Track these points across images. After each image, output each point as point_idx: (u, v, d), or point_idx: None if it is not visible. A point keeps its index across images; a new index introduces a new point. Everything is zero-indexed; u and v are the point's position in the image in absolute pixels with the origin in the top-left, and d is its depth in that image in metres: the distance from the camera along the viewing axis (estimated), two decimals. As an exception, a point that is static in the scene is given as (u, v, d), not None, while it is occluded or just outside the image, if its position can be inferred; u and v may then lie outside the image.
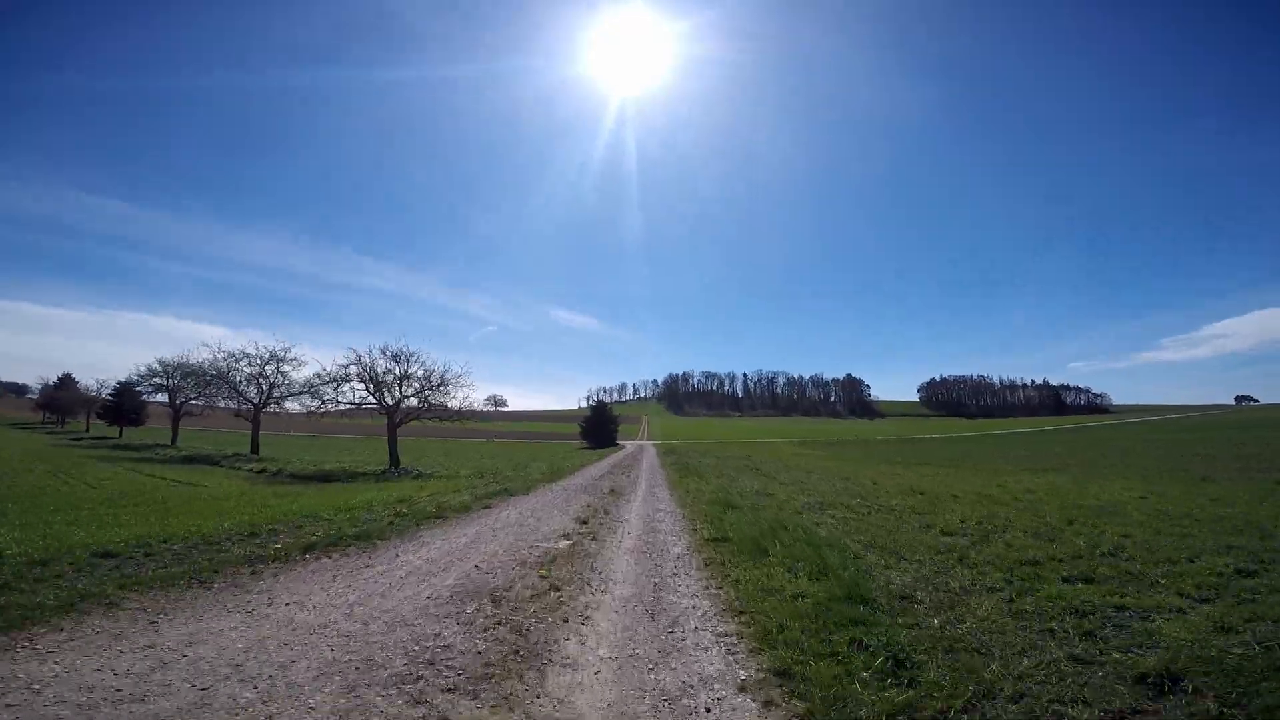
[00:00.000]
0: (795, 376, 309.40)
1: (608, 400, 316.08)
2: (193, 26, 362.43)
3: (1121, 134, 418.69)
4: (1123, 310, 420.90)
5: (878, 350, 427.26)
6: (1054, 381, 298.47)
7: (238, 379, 28.77)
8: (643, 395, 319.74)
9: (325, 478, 23.14)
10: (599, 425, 68.20)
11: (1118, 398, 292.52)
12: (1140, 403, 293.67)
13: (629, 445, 69.69)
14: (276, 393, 29.01)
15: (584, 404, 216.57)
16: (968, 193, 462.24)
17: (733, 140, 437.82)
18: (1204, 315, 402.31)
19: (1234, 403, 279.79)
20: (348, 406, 28.81)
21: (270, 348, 25.85)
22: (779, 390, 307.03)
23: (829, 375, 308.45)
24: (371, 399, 26.33)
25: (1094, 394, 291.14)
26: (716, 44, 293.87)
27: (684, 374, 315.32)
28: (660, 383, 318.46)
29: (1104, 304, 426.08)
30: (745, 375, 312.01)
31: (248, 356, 27.08)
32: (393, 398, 26.32)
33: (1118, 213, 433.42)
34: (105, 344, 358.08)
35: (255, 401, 31.04)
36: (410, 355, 26.57)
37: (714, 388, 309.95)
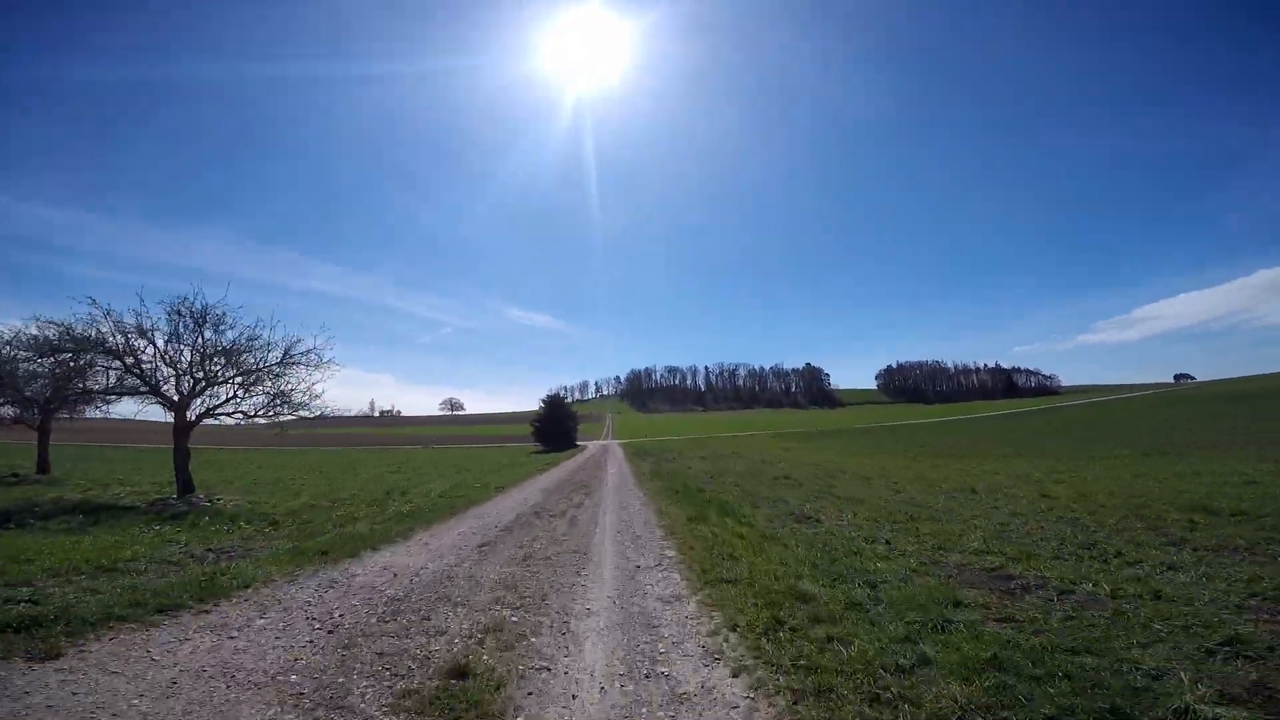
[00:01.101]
0: (756, 368, 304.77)
1: (569, 399, 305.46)
2: (109, 19, 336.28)
3: (1062, 124, 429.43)
4: (1061, 295, 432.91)
5: (835, 338, 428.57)
6: (1005, 365, 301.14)
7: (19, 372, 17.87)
8: (605, 393, 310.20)
9: (79, 508, 12.93)
10: (554, 424, 58.78)
11: (1063, 379, 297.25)
12: (1086, 383, 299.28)
13: (591, 446, 60.62)
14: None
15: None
16: (917, 183, 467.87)
17: (690, 136, 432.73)
18: (1135, 299, 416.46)
19: (1172, 380, 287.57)
20: (105, 397, 18.39)
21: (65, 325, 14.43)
22: (741, 383, 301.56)
23: (789, 365, 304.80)
24: (144, 387, 15.95)
25: (1044, 376, 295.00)
26: (673, 42, 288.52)
27: (646, 370, 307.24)
28: (623, 379, 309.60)
29: (1044, 290, 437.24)
30: (707, 369, 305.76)
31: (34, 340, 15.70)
32: (180, 384, 16.26)
33: (1058, 201, 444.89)
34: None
35: (40, 402, 20.31)
36: (220, 317, 16.42)
37: (677, 382, 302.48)
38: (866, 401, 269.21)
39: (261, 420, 17.52)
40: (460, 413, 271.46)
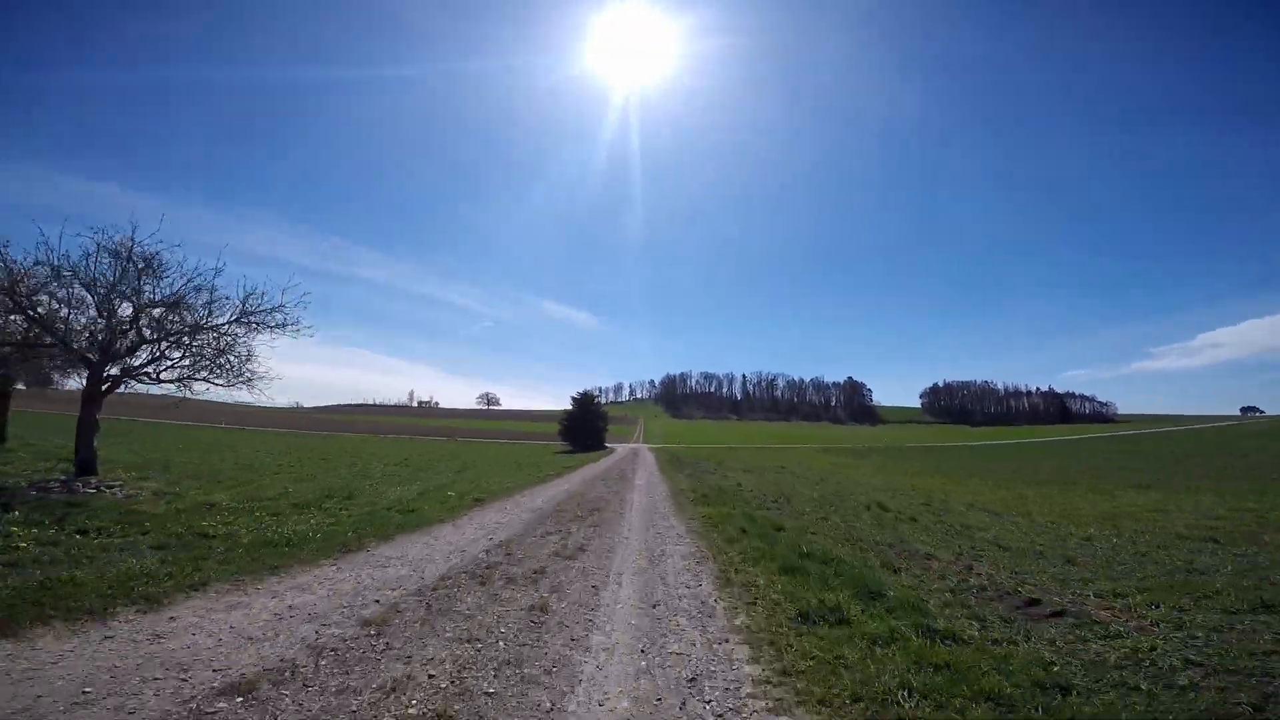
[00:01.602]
0: (796, 379, 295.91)
1: (602, 400, 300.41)
2: (196, 21, 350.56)
3: (1119, 140, 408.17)
4: (1118, 318, 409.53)
5: (879, 354, 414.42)
6: (1057, 389, 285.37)
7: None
8: (639, 396, 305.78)
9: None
10: (583, 424, 54.39)
11: (1119, 406, 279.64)
12: (1141, 412, 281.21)
13: (620, 449, 56.08)
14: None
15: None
16: (968, 195, 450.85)
17: (734, 137, 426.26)
18: (1198, 324, 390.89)
19: (1239, 413, 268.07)
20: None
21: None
22: (779, 393, 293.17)
23: (830, 379, 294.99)
24: (51, 341, 11.64)
25: (1099, 402, 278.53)
26: (718, 40, 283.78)
27: (682, 375, 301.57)
28: (657, 383, 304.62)
29: (1099, 311, 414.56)
30: (745, 377, 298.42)
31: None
32: (102, 340, 11.98)
33: (1114, 219, 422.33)
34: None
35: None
36: (152, 258, 12.11)
37: (712, 389, 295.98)
38: (909, 420, 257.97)
39: (178, 388, 13.21)
40: (495, 407, 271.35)
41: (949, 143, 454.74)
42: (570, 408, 56.04)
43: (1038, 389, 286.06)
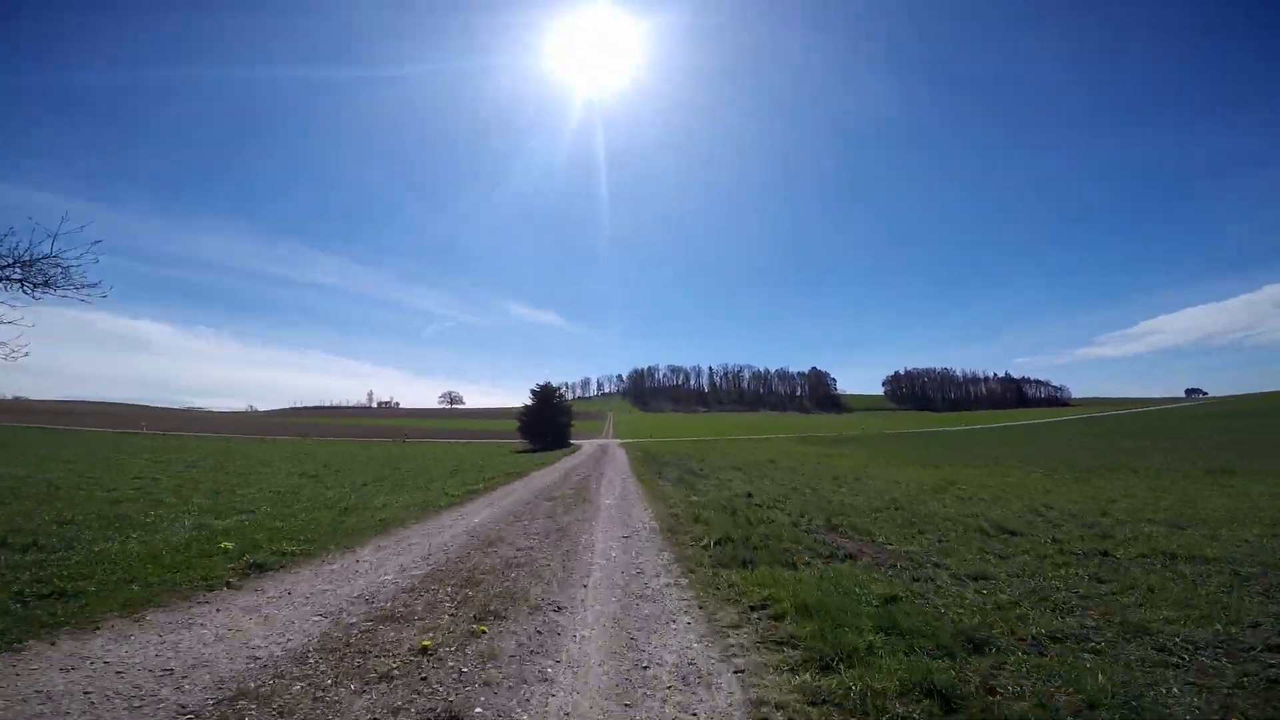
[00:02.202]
0: (761, 370, 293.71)
1: (569, 395, 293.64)
2: (137, 23, 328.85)
3: (1065, 135, 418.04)
4: (1063, 307, 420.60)
5: (840, 343, 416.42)
6: (1014, 375, 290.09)
7: None
8: (607, 390, 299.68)
9: None
10: (544, 419, 48.25)
11: (1070, 390, 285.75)
12: (1094, 395, 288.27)
13: (587, 446, 50.18)
14: None
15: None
16: (923, 189, 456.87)
17: (698, 138, 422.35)
18: (1140, 312, 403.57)
19: (1184, 395, 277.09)
20: None
21: None
22: (745, 385, 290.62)
23: (794, 369, 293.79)
24: None
25: (1054, 387, 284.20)
26: (682, 44, 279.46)
27: (650, 368, 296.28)
28: (625, 377, 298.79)
29: (1046, 301, 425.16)
30: (711, 369, 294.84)
31: None
32: None
33: (1061, 212, 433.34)
34: (28, 341, 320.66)
35: None
36: None
37: (680, 382, 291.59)
38: (873, 408, 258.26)
39: None
40: (459, 406, 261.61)
41: (907, 141, 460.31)
42: (530, 402, 49.80)
43: (995, 375, 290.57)
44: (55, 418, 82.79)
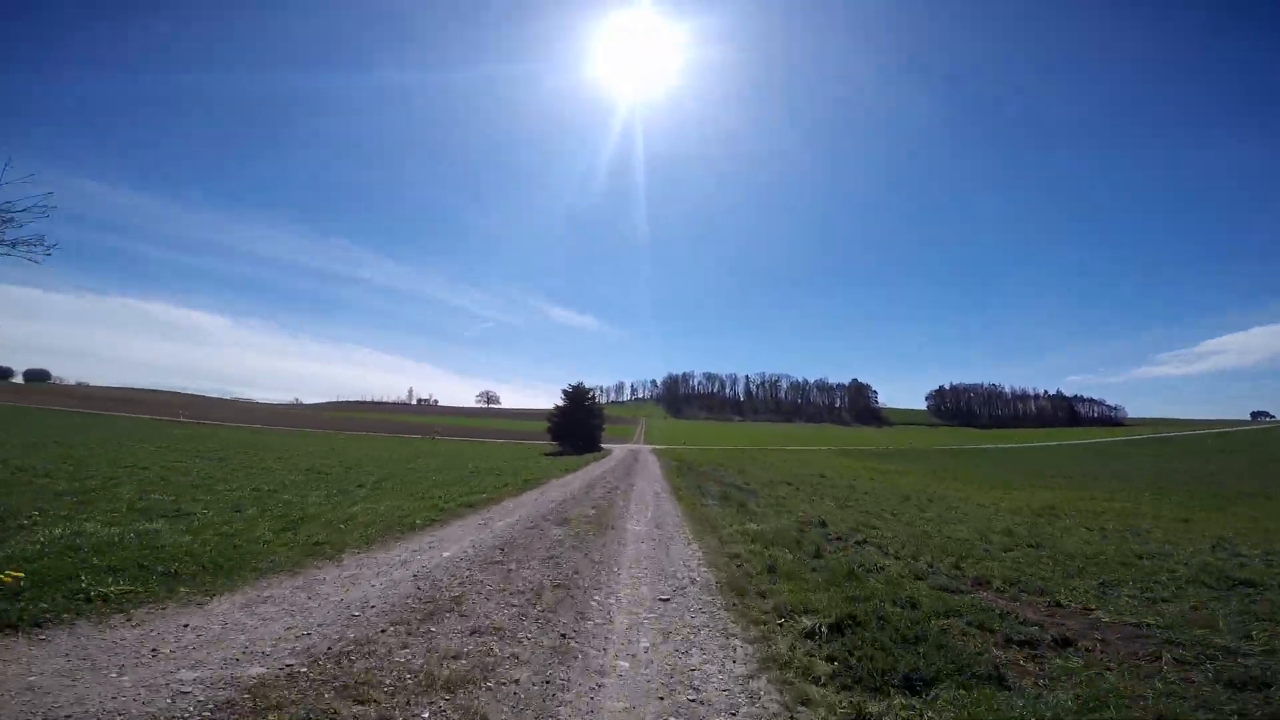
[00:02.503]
0: (799, 380, 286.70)
1: (602, 399, 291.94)
2: (203, 26, 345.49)
3: (1125, 145, 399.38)
4: (1121, 323, 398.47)
5: (882, 356, 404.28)
6: (1066, 393, 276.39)
7: None
8: (641, 396, 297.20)
9: None
10: (575, 422, 46.09)
11: (1126, 410, 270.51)
12: (1150, 415, 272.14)
13: (618, 451, 47.82)
14: None
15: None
16: (970, 199, 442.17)
17: (738, 142, 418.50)
18: (1202, 331, 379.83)
19: (1249, 418, 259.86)
20: None
21: None
22: (782, 394, 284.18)
23: (834, 380, 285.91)
24: None
25: (1108, 406, 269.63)
26: (721, 47, 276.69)
27: (684, 375, 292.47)
28: (659, 383, 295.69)
29: (1102, 316, 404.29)
30: (748, 377, 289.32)
31: None
32: None
33: (1117, 225, 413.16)
34: (94, 329, 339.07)
35: None
36: None
37: (715, 390, 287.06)
38: (915, 423, 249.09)
39: None
40: (495, 405, 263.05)
41: (953, 147, 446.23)
42: (561, 403, 47.68)
43: (1045, 392, 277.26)
44: (108, 404, 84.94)
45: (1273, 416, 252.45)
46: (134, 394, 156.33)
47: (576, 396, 47.45)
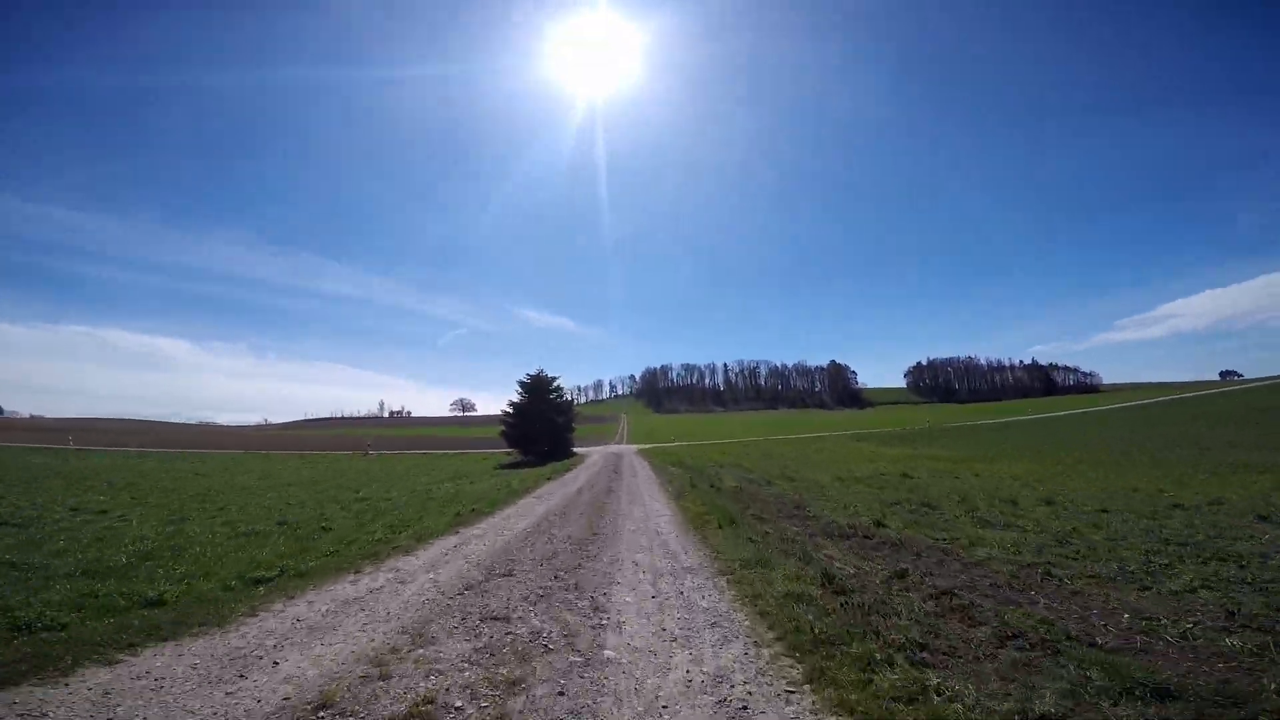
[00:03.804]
0: (779, 366, 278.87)
1: (581, 399, 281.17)
2: (136, 27, 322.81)
3: (1080, 119, 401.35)
4: (1081, 293, 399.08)
5: (859, 336, 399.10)
6: (1041, 362, 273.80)
7: None
8: (620, 393, 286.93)
9: None
10: (537, 422, 35.82)
11: (1100, 376, 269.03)
12: (1124, 381, 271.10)
13: (596, 455, 37.69)
14: None
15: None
16: (935, 178, 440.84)
17: (704, 137, 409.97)
18: (1158, 296, 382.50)
19: (1218, 377, 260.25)
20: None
21: None
22: (762, 381, 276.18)
23: (813, 363, 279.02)
24: None
25: (1083, 373, 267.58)
26: (685, 45, 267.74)
27: (663, 368, 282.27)
28: (638, 378, 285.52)
29: (1064, 286, 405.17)
30: (726, 366, 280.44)
31: None
32: None
33: (1076, 196, 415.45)
34: (44, 361, 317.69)
35: None
36: None
37: (694, 381, 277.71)
38: (896, 401, 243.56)
39: None
40: (470, 414, 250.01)
41: (913, 137, 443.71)
42: (517, 399, 37.20)
43: (1020, 362, 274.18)
44: (50, 435, 72.65)
45: (1239, 375, 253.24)
46: (90, 424, 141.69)
47: (537, 389, 37.01)
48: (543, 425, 35.80)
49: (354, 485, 19.88)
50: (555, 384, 38.37)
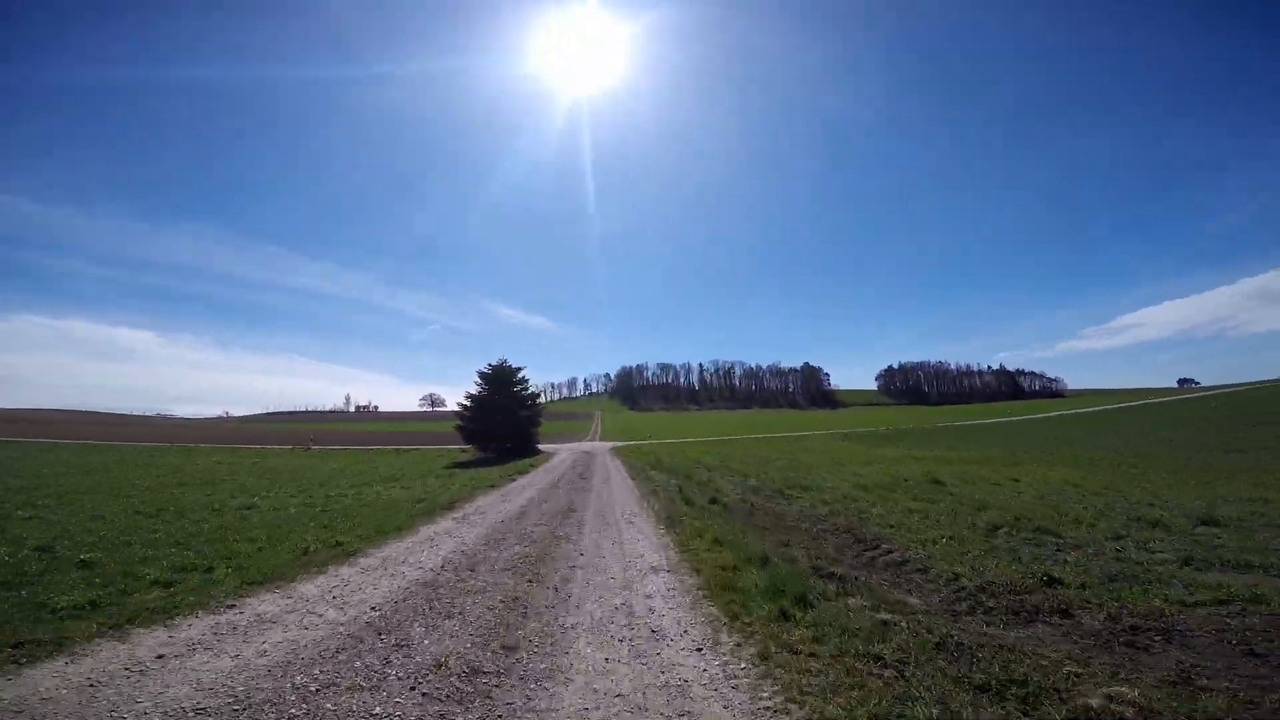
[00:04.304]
0: (753, 366, 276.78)
1: (554, 396, 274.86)
2: (103, 20, 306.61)
3: (1052, 131, 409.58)
4: (1046, 302, 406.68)
5: (832, 338, 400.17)
6: (1008, 367, 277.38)
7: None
8: (594, 390, 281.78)
9: None
10: (498, 415, 31.30)
11: (1065, 382, 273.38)
12: (1087, 386, 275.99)
13: (564, 454, 33.26)
14: None
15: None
16: (910, 186, 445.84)
17: (686, 137, 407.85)
18: (1121, 306, 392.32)
19: (1177, 385, 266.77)
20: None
21: None
22: (737, 381, 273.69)
23: (786, 364, 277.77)
24: None
25: (1048, 379, 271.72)
26: (669, 44, 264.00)
27: (638, 366, 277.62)
28: (613, 376, 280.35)
29: (1029, 296, 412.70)
30: (701, 366, 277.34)
31: None
32: None
33: (1048, 207, 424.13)
34: (5, 352, 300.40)
35: None
36: None
37: (669, 380, 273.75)
38: (868, 403, 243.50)
39: None
40: (440, 409, 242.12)
41: (892, 138, 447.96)
42: (476, 390, 32.61)
43: (989, 367, 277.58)
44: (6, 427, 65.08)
45: (1196, 383, 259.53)
46: (37, 414, 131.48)
47: (499, 379, 32.41)
48: (505, 419, 31.24)
49: (250, 489, 15.31)
50: (520, 375, 33.77)
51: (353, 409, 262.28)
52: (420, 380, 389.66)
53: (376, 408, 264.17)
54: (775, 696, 3.44)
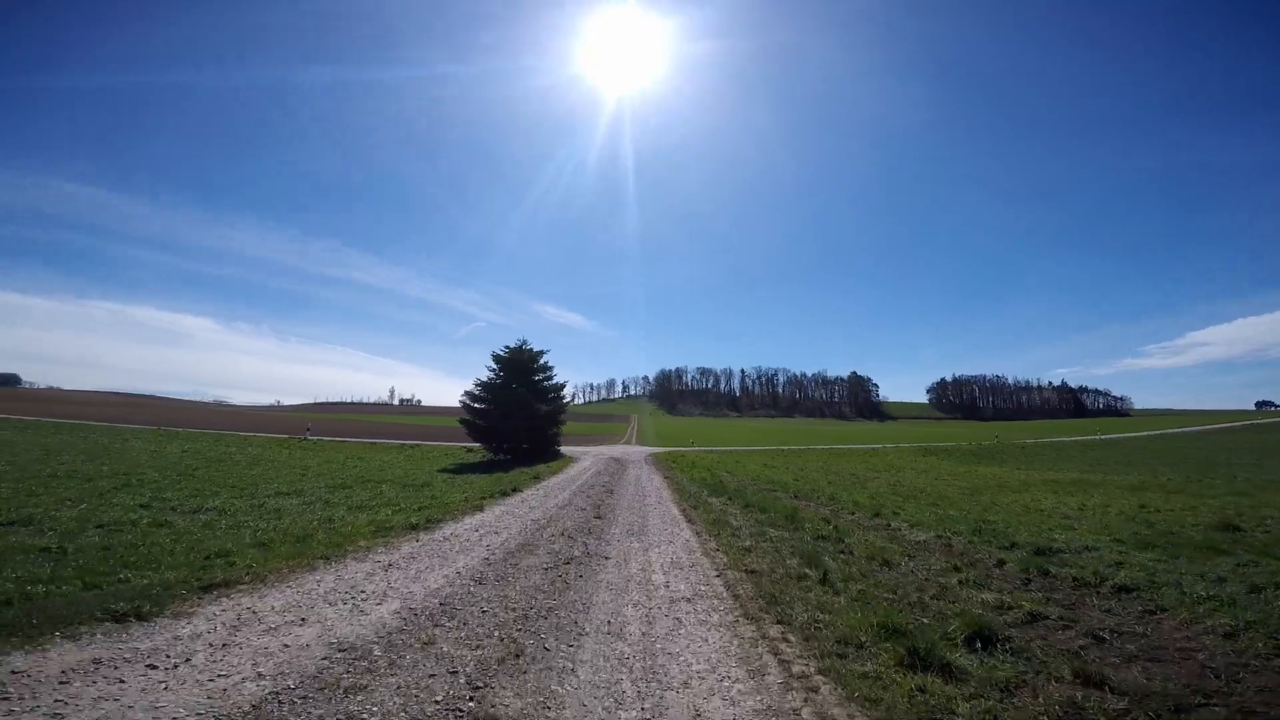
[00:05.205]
0: (797, 374, 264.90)
1: (593, 398, 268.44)
2: (185, 24, 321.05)
3: (1112, 137, 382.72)
4: (1107, 316, 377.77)
5: (880, 349, 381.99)
6: (1071, 384, 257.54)
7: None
8: (632, 393, 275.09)
9: None
10: (513, 408, 24.57)
11: (1132, 401, 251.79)
12: (1151, 406, 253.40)
13: (588, 460, 26.20)
14: None
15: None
16: (960, 193, 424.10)
17: (729, 137, 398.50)
18: (1187, 323, 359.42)
19: (1254, 408, 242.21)
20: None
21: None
22: (780, 389, 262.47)
23: (833, 374, 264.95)
24: None
25: (1114, 397, 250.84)
26: (710, 42, 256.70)
27: (677, 370, 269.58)
28: (652, 380, 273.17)
29: (1089, 310, 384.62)
30: (743, 372, 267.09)
31: None
32: None
33: (1106, 217, 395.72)
34: (77, 334, 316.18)
35: None
36: None
37: (709, 385, 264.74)
38: (917, 416, 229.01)
39: None
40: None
41: (944, 143, 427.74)
42: (488, 377, 25.94)
43: (1050, 383, 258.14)
44: (61, 408, 63.93)
45: (1276, 405, 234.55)
46: (100, 398, 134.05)
47: (516, 364, 25.65)
48: (521, 414, 24.43)
49: (207, 487, 9.09)
50: (542, 360, 26.93)
51: (397, 402, 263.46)
52: (463, 375, 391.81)
53: (420, 401, 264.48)
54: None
